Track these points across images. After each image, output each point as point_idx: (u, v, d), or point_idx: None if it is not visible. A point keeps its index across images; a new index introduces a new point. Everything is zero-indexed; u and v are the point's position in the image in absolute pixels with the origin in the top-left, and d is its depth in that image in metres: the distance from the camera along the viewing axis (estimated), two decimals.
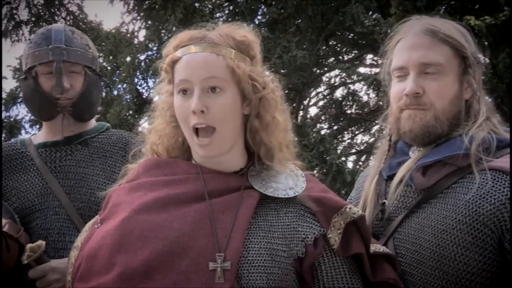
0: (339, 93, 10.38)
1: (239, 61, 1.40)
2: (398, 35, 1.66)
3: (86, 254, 1.35)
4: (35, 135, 2.26)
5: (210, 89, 1.37)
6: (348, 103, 10.22)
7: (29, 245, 1.81)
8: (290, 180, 1.45)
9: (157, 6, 7.31)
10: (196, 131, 1.38)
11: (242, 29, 1.47)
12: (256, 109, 1.43)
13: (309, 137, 7.11)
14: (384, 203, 1.61)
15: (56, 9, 9.10)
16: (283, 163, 1.47)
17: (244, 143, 1.48)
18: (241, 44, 1.43)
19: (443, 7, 5.42)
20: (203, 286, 1.24)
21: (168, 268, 1.26)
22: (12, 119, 8.88)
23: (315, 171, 7.22)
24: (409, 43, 1.60)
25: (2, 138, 7.90)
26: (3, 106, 8.67)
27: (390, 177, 1.64)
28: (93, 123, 2.24)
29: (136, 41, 8.69)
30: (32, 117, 8.03)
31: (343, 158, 7.07)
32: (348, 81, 9.45)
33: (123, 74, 8.15)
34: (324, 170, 6.90)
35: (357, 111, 10.23)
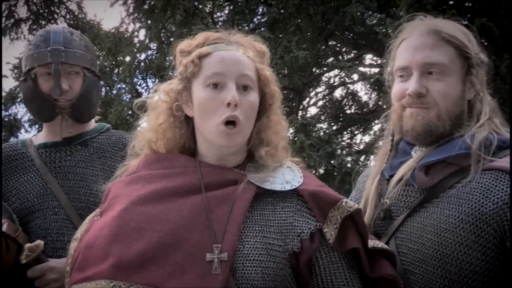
0: (338, 93, 10.39)
1: (264, 66, 1.49)
2: (401, 35, 1.65)
3: (84, 245, 1.36)
4: (36, 135, 2.26)
5: (242, 86, 1.43)
6: (348, 103, 10.22)
7: (27, 245, 1.82)
8: (287, 175, 1.46)
9: (156, 10, 7.30)
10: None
11: (256, 40, 1.56)
12: (268, 110, 1.49)
13: (311, 135, 7.07)
14: (386, 202, 1.61)
15: (55, 7, 9.08)
16: (281, 161, 1.51)
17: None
18: (260, 53, 1.53)
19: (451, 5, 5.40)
20: (199, 278, 1.25)
21: (163, 259, 1.27)
22: (12, 118, 8.88)
23: (322, 172, 7.18)
24: (413, 43, 1.59)
25: (2, 137, 7.89)
26: (2, 106, 8.67)
27: (392, 177, 1.63)
28: (93, 123, 2.24)
29: (136, 40, 8.69)
30: (32, 117, 8.02)
31: (349, 159, 7.04)
32: (348, 81, 9.45)
33: (123, 74, 8.14)
34: (329, 169, 6.85)
35: (357, 111, 10.22)
